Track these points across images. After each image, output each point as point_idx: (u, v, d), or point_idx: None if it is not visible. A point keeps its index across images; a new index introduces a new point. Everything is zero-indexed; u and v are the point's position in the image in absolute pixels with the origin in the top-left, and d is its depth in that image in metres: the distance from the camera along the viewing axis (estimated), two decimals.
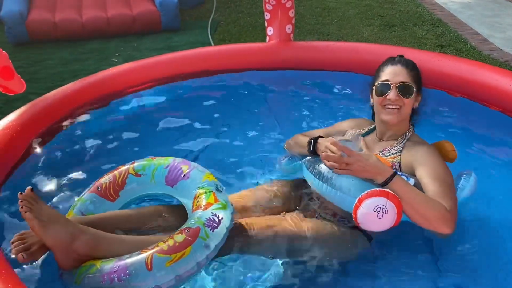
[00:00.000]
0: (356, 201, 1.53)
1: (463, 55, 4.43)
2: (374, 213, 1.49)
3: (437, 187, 1.58)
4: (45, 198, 2.04)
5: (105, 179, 1.78)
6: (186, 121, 2.87)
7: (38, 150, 2.38)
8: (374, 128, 1.94)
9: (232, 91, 3.17)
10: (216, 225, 1.51)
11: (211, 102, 3.08)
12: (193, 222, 1.50)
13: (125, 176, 1.77)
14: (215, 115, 2.93)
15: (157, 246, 1.43)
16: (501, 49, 4.60)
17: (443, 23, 5.49)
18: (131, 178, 1.77)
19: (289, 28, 3.28)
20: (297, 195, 1.93)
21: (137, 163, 1.80)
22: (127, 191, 1.77)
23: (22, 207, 1.44)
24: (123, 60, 4.27)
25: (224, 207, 1.58)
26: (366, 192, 1.52)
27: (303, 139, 1.94)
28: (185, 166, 1.74)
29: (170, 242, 1.43)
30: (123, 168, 1.80)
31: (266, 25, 3.33)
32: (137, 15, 5.34)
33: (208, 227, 1.49)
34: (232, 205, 1.65)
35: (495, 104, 2.58)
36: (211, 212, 1.54)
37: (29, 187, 1.48)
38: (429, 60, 2.82)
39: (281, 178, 2.09)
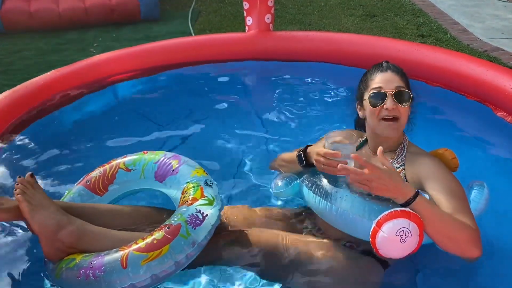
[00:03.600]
0: (375, 224, 1.34)
1: (443, 45, 4.45)
2: (396, 238, 1.30)
3: (454, 204, 1.43)
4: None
5: (96, 172, 1.74)
6: (165, 113, 2.83)
7: (10, 141, 2.33)
8: (366, 140, 1.75)
9: (211, 81, 3.14)
10: (199, 222, 1.44)
11: (190, 93, 3.04)
12: (175, 219, 1.44)
13: (115, 171, 1.72)
14: (194, 106, 2.89)
15: (136, 243, 1.39)
16: (480, 39, 4.63)
17: (423, 13, 5.50)
18: (121, 172, 1.72)
19: (268, 18, 3.25)
20: (297, 223, 1.73)
21: (128, 158, 1.76)
22: (117, 186, 1.73)
23: (16, 189, 1.49)
24: (102, 51, 4.17)
25: (210, 203, 1.51)
26: (385, 213, 1.33)
27: (290, 155, 1.81)
28: (175, 161, 1.68)
29: (149, 239, 1.38)
30: (114, 162, 1.76)
31: (245, 14, 3.29)
32: (115, 4, 5.23)
33: (190, 225, 1.42)
34: (221, 200, 1.58)
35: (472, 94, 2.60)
36: (195, 208, 1.47)
37: (29, 173, 1.54)
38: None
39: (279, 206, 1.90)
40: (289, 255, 1.49)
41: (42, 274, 1.54)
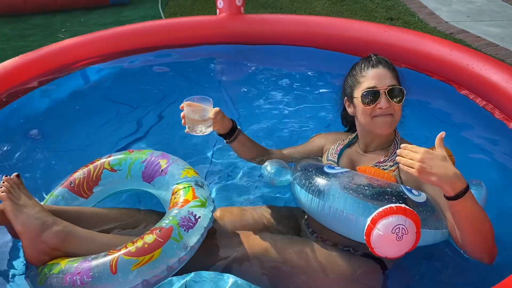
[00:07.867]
0: (369, 222, 1.27)
1: (411, 28, 4.54)
2: (392, 235, 1.23)
3: None
4: None
5: (79, 173, 1.67)
6: (134, 98, 2.80)
7: None
8: (355, 139, 1.71)
9: (181, 66, 3.12)
10: (192, 224, 1.38)
11: (160, 77, 3.02)
12: (166, 222, 1.38)
13: (100, 172, 1.66)
14: (164, 91, 2.88)
15: (125, 247, 1.32)
16: (446, 22, 4.74)
17: None
18: (106, 173, 1.66)
19: (239, 1, 3.24)
20: (291, 223, 1.70)
21: (113, 157, 1.69)
22: (102, 188, 1.67)
23: (1, 187, 1.45)
24: (70, 36, 4.09)
25: (203, 205, 1.45)
26: (380, 210, 1.27)
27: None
28: (163, 161, 1.63)
29: (139, 243, 1.32)
30: (98, 162, 1.69)
31: None
32: None
33: (183, 227, 1.37)
34: (214, 201, 1.53)
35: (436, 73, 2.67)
36: (188, 210, 1.41)
37: (16, 173, 1.49)
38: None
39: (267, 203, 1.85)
40: (282, 261, 1.45)
41: (23, 281, 1.45)
